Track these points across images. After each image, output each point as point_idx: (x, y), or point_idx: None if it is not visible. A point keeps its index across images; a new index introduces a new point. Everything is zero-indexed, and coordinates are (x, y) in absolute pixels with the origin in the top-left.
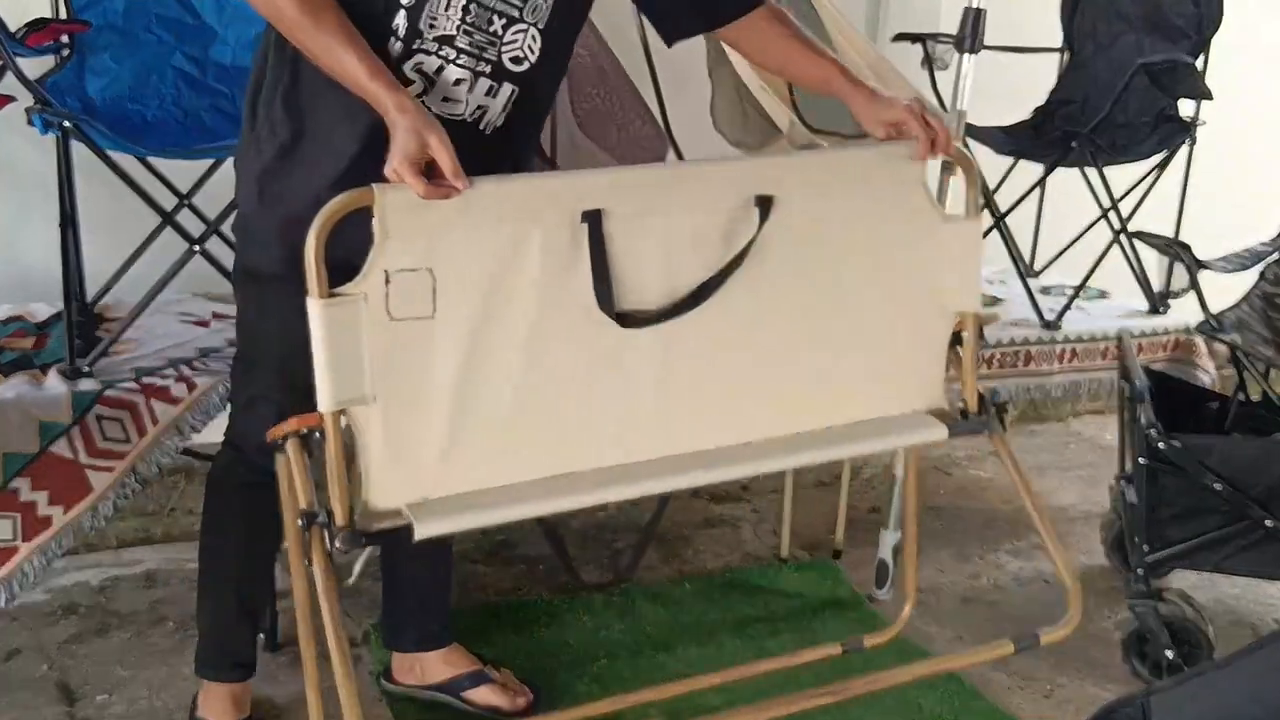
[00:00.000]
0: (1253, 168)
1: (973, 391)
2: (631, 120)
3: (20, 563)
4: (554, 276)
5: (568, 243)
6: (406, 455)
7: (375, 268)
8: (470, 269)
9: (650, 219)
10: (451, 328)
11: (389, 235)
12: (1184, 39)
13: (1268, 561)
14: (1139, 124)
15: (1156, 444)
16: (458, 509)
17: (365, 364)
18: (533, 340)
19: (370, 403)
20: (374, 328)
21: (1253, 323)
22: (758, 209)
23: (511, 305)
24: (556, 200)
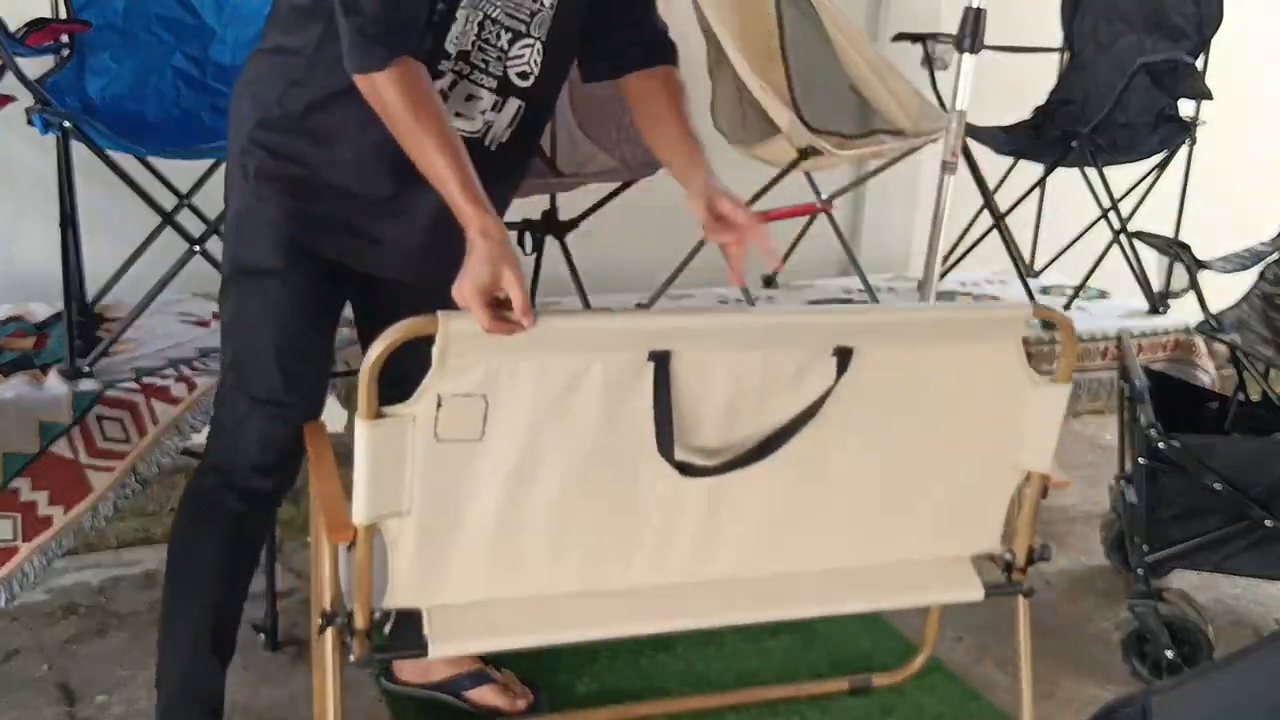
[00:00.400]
0: (1253, 168)
1: (1024, 547)
2: (631, 120)
3: (20, 563)
4: (612, 410)
5: (630, 377)
6: (435, 564)
7: (429, 391)
8: (526, 397)
9: (719, 356)
10: (498, 451)
11: (447, 361)
12: (1184, 39)
13: (1268, 561)
14: (1139, 124)
15: (1156, 444)
16: (478, 626)
17: (406, 482)
18: (580, 469)
19: (405, 515)
20: (419, 447)
21: (1252, 322)
22: (835, 359)
23: (563, 434)
24: (624, 339)
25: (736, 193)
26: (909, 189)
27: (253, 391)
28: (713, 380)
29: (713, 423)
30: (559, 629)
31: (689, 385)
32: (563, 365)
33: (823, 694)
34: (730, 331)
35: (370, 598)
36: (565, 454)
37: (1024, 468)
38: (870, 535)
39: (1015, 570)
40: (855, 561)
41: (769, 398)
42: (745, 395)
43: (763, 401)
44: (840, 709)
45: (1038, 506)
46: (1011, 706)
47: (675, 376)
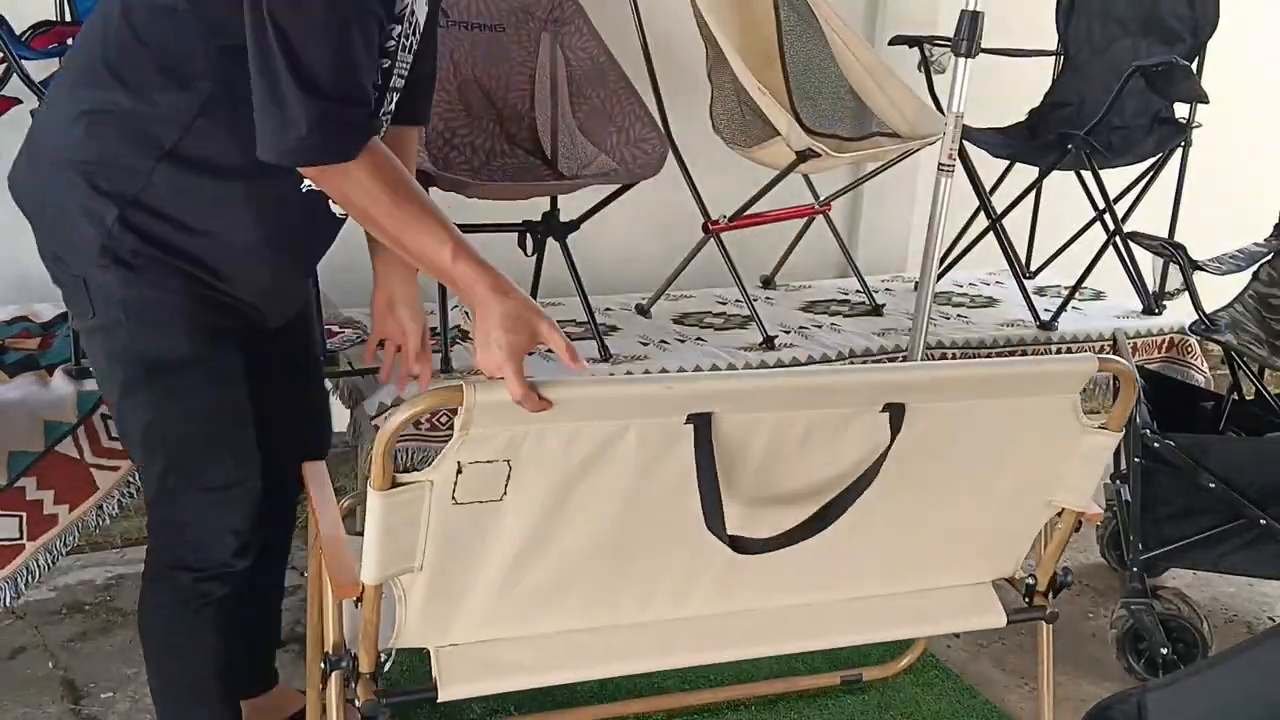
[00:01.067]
0: (1247, 170)
1: (1048, 574)
2: (631, 122)
3: (25, 561)
4: (645, 472)
5: (667, 440)
6: (445, 611)
7: (449, 458)
8: (553, 461)
9: (761, 416)
10: (518, 512)
11: (470, 431)
12: (1179, 42)
13: (1262, 560)
14: (1134, 126)
15: (1151, 443)
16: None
17: (419, 542)
18: (608, 529)
19: (416, 571)
20: (435, 510)
21: (1247, 323)
22: (887, 415)
23: (591, 495)
24: (662, 404)
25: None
26: (906, 191)
27: (207, 484)
28: (753, 438)
29: (749, 476)
30: (574, 668)
31: (728, 443)
32: (594, 431)
33: (818, 689)
34: (776, 393)
35: (375, 647)
36: (592, 514)
37: (1061, 505)
38: (897, 568)
39: (1037, 594)
40: (880, 591)
41: (812, 450)
42: (786, 448)
43: (804, 454)
44: (838, 706)
45: (1067, 539)
46: (1007, 702)
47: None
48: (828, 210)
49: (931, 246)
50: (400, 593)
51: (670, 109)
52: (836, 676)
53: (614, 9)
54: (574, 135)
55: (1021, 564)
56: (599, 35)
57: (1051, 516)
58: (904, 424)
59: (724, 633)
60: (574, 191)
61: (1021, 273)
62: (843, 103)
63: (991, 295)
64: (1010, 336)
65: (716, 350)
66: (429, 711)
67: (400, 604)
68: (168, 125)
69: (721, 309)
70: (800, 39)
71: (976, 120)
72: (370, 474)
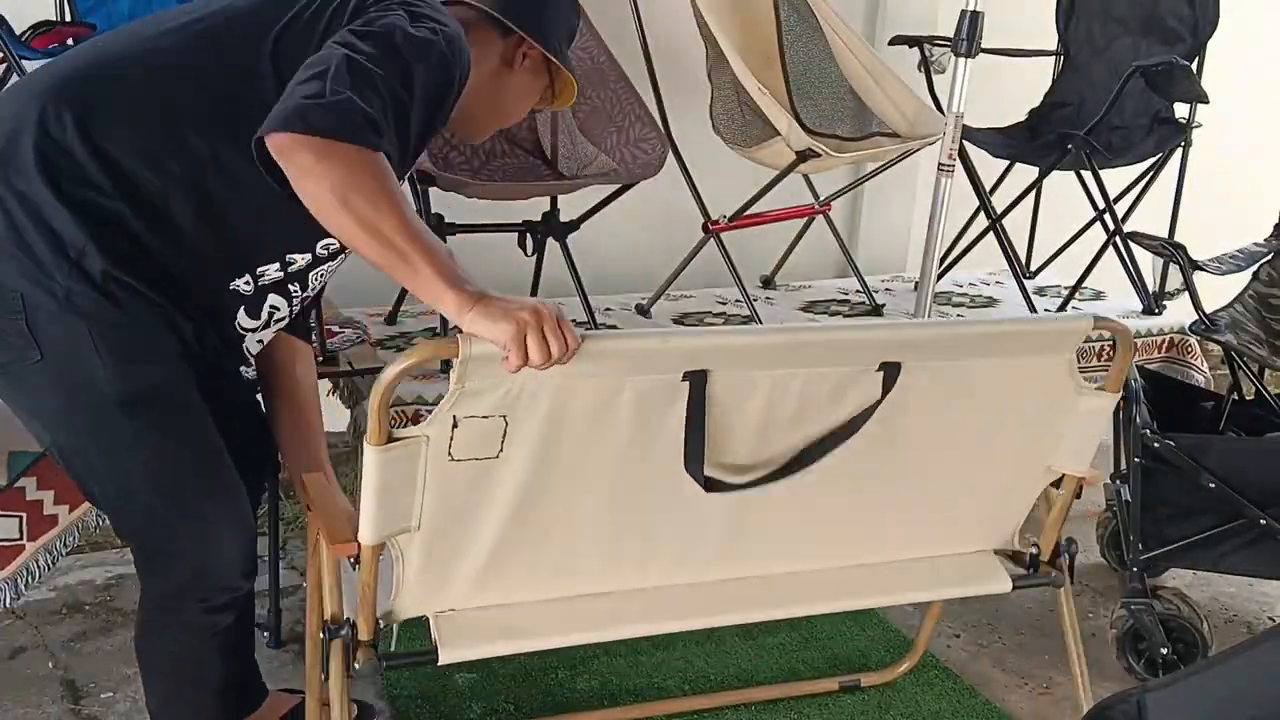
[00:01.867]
0: (1247, 169)
1: (1051, 541)
2: (631, 122)
3: (26, 561)
4: (643, 427)
5: (664, 398)
6: (442, 573)
7: (444, 413)
8: (550, 417)
9: (755, 374)
10: (516, 467)
11: (465, 385)
12: (1179, 42)
13: (1262, 560)
14: (1134, 126)
15: (1151, 443)
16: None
17: (416, 500)
18: (604, 484)
19: (414, 531)
20: (432, 467)
21: (1246, 323)
22: (881, 374)
23: (588, 451)
24: (660, 361)
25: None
26: (906, 191)
27: (204, 513)
28: (750, 396)
29: (746, 437)
30: (571, 631)
31: (724, 402)
32: (593, 387)
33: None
34: (774, 350)
35: (374, 612)
36: (589, 470)
37: (1060, 469)
38: (897, 534)
39: (1042, 564)
40: (879, 558)
41: (807, 410)
42: (782, 408)
43: (800, 414)
44: (838, 706)
45: (1068, 506)
46: (1007, 701)
47: (710, 397)
48: (828, 210)
49: (931, 246)
50: (398, 553)
51: (670, 109)
52: (835, 682)
53: (614, 9)
54: (574, 135)
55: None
56: (599, 35)
57: (1049, 483)
58: (899, 383)
59: (725, 598)
60: (574, 191)
61: (1021, 273)
62: (843, 103)
63: (991, 295)
64: None
65: None
66: (430, 710)
67: (398, 563)
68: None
69: (721, 309)
70: (800, 39)
71: (976, 120)
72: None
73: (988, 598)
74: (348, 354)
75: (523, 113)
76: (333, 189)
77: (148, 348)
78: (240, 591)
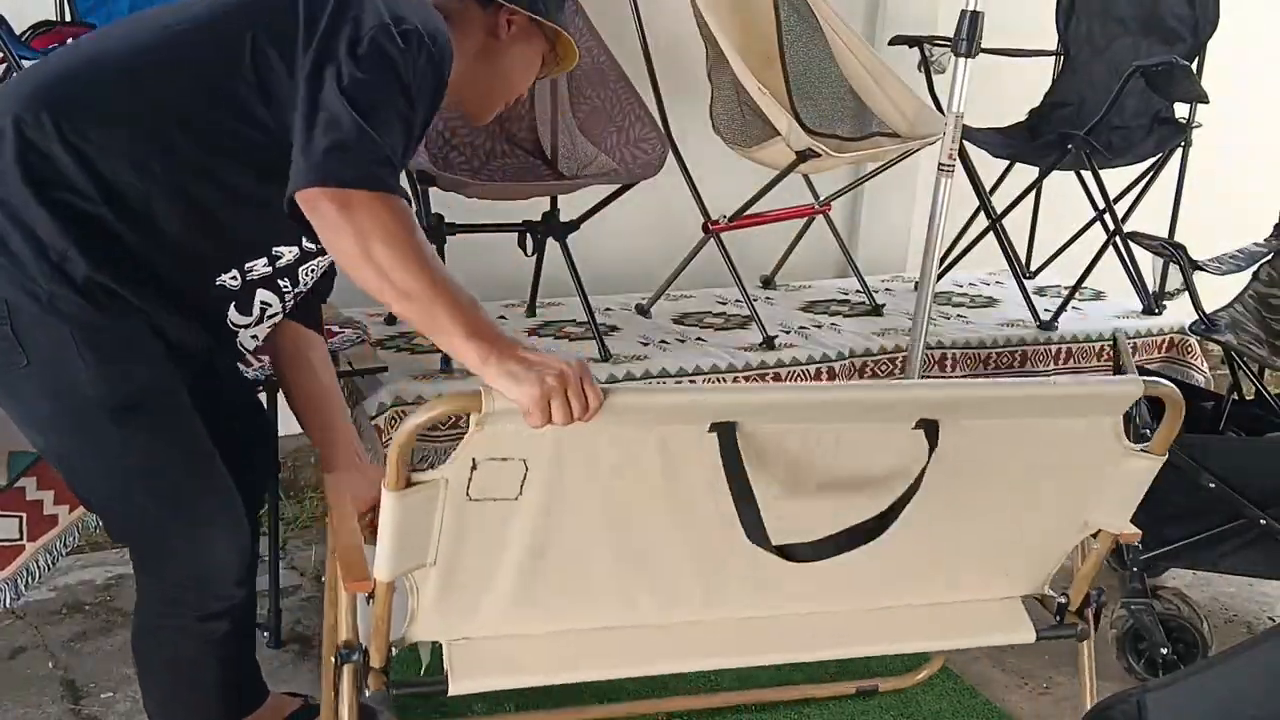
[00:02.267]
0: (1247, 169)
1: (1081, 593)
2: (631, 122)
3: (26, 561)
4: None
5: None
6: (457, 605)
7: (464, 454)
8: (572, 464)
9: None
10: (534, 510)
11: (485, 428)
12: (1180, 42)
13: (1263, 560)
14: (1134, 126)
15: None
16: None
17: (433, 539)
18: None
19: (429, 567)
20: (449, 507)
21: (1246, 323)
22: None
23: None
24: (685, 414)
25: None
26: (906, 191)
27: (195, 515)
28: (783, 441)
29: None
30: (587, 668)
31: (756, 447)
32: (616, 436)
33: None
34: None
35: (386, 641)
36: (612, 518)
37: (1098, 526)
38: (927, 580)
39: (1069, 614)
40: (907, 602)
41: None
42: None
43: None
44: (839, 707)
45: (1101, 561)
46: (1007, 702)
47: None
48: (828, 210)
49: (931, 246)
50: (412, 584)
51: (670, 109)
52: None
53: (614, 9)
54: (574, 135)
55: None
56: (599, 35)
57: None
58: (940, 438)
59: (745, 638)
60: (574, 191)
61: (1021, 273)
62: (843, 103)
63: (991, 295)
64: (1010, 336)
65: (716, 350)
66: (430, 709)
67: (412, 595)
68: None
69: (721, 309)
70: (800, 39)
71: (976, 120)
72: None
73: None
74: (348, 354)
75: (526, 82)
76: (355, 239)
77: (133, 350)
78: (235, 600)
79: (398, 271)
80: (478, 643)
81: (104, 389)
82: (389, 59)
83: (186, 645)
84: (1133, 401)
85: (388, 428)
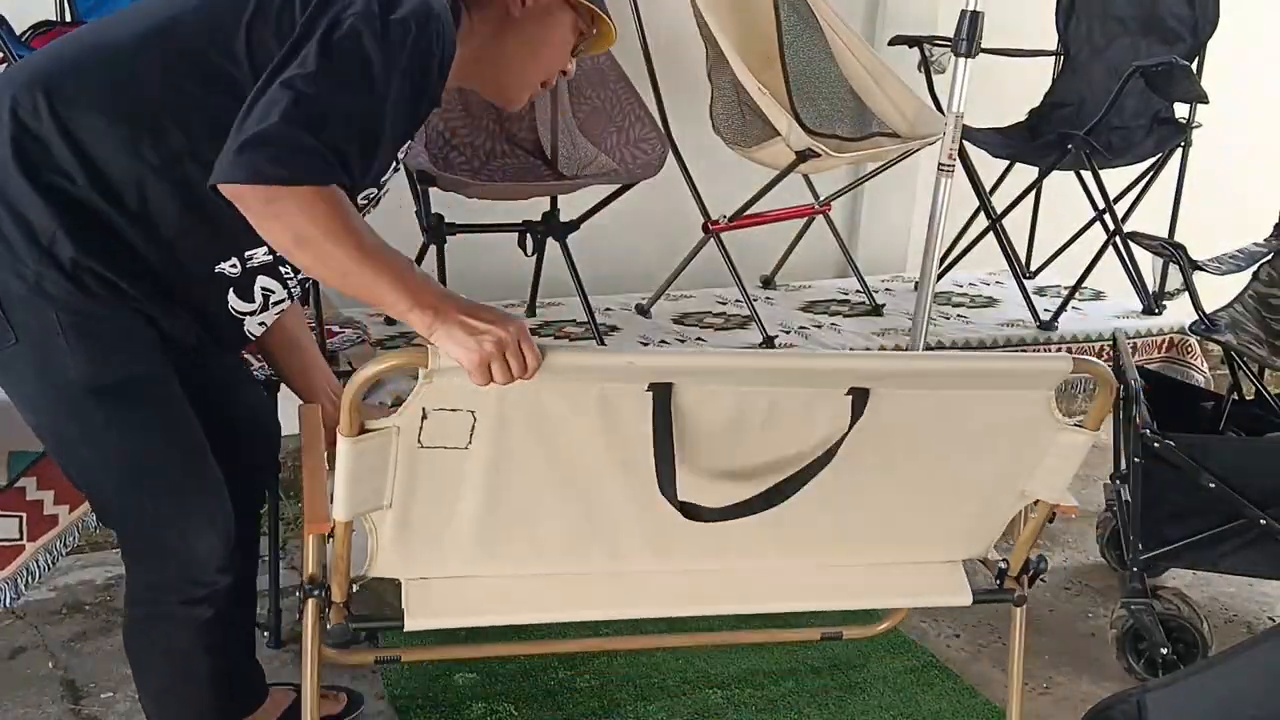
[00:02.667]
0: (1247, 169)
1: (1020, 559)
2: (631, 122)
3: (26, 561)
4: (608, 429)
5: (629, 404)
6: (414, 546)
7: (414, 404)
8: (517, 415)
9: (722, 389)
10: (483, 458)
11: (434, 380)
12: (1179, 42)
13: (1263, 560)
14: (1134, 127)
15: (1151, 443)
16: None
17: (388, 482)
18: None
19: (385, 509)
20: (402, 453)
21: (1246, 323)
22: (850, 398)
23: (554, 448)
24: (625, 374)
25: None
26: (906, 191)
27: (180, 502)
28: (716, 407)
29: (711, 445)
30: (539, 609)
31: (690, 411)
32: (559, 392)
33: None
34: (737, 369)
35: (346, 578)
36: (556, 465)
37: (1034, 496)
38: (861, 541)
39: (1009, 579)
40: (844, 561)
41: (776, 425)
42: (749, 421)
43: (765, 432)
44: (839, 706)
45: (1040, 528)
46: (1006, 702)
47: (676, 405)
48: (828, 210)
49: (931, 246)
50: (371, 527)
51: (670, 109)
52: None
53: (614, 9)
54: (574, 135)
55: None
56: None
57: (1025, 506)
58: (869, 408)
59: (691, 590)
60: (574, 191)
61: (1021, 273)
62: (843, 103)
63: (991, 295)
64: (1010, 336)
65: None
66: (430, 710)
67: (371, 536)
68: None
69: (721, 309)
70: (800, 39)
71: (976, 120)
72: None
73: None
74: (348, 354)
75: (559, 60)
76: (285, 230)
77: (120, 337)
78: (217, 586)
79: (332, 257)
80: (434, 582)
81: (87, 371)
82: (360, 50)
83: (175, 636)
84: (1063, 377)
85: None
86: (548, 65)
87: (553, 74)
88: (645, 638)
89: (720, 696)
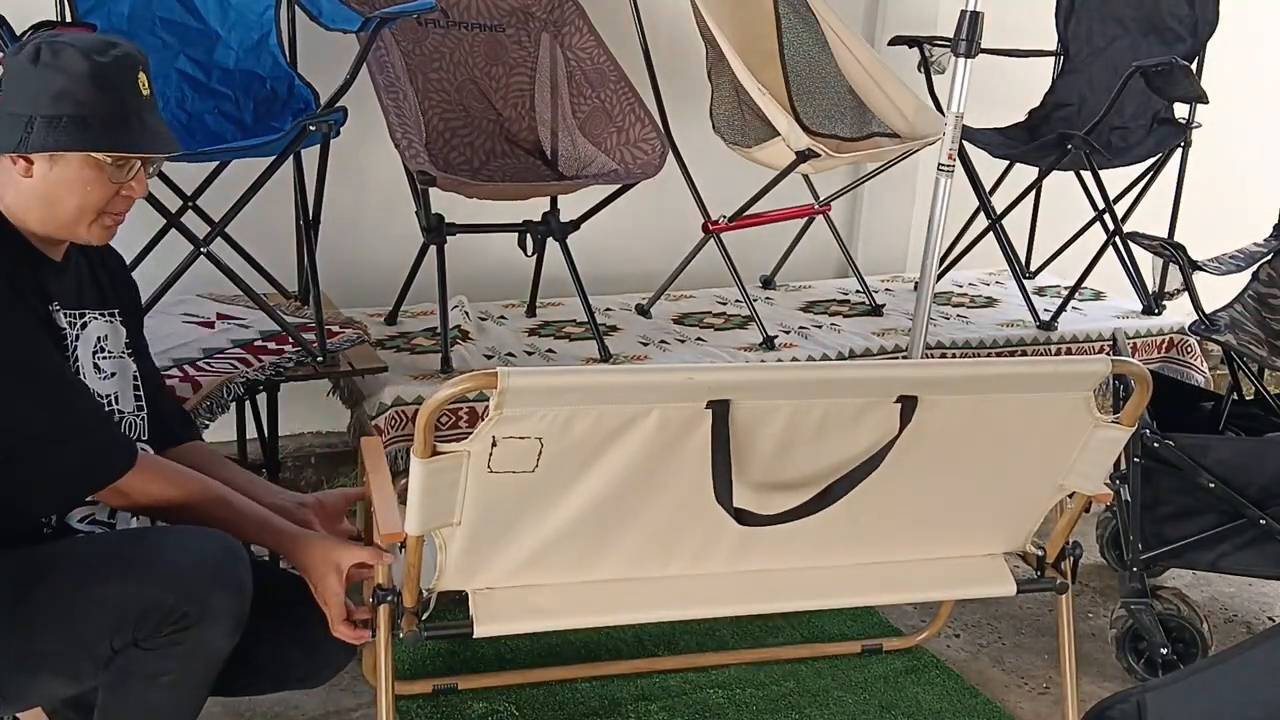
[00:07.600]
0: (1247, 170)
1: (1057, 547)
2: (631, 122)
3: None
4: (668, 446)
5: (688, 421)
6: (480, 559)
7: (484, 433)
8: (582, 437)
9: (778, 403)
10: (549, 482)
11: (504, 411)
12: (1179, 42)
13: (1262, 560)
14: (1134, 127)
15: (1151, 443)
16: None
17: (458, 501)
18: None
19: (455, 526)
20: (472, 476)
21: (1246, 323)
22: (899, 406)
23: (617, 466)
24: (684, 391)
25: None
26: (906, 191)
27: None
28: (770, 422)
29: (765, 458)
30: (599, 613)
31: (745, 426)
32: (620, 412)
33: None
34: (793, 385)
35: (418, 588)
36: (618, 487)
37: (1072, 489)
38: (908, 539)
39: (1048, 567)
40: (890, 558)
41: (826, 436)
42: (801, 433)
43: (819, 439)
44: (839, 705)
45: (1077, 518)
46: (1006, 701)
47: (733, 418)
48: (828, 210)
49: (931, 246)
50: (441, 542)
51: (670, 109)
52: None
53: (614, 9)
54: (574, 135)
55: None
56: (599, 35)
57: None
58: (916, 415)
59: (741, 590)
60: (574, 191)
61: (1021, 273)
62: (843, 103)
63: (991, 295)
64: (1010, 336)
65: (716, 350)
66: (431, 709)
67: (441, 551)
68: None
69: (721, 309)
70: (800, 39)
71: (976, 120)
72: (414, 445)
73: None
74: (348, 354)
75: (93, 199)
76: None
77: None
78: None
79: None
80: (499, 592)
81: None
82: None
83: None
84: (1102, 378)
85: (388, 428)
86: (82, 204)
87: (104, 200)
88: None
89: (721, 696)
